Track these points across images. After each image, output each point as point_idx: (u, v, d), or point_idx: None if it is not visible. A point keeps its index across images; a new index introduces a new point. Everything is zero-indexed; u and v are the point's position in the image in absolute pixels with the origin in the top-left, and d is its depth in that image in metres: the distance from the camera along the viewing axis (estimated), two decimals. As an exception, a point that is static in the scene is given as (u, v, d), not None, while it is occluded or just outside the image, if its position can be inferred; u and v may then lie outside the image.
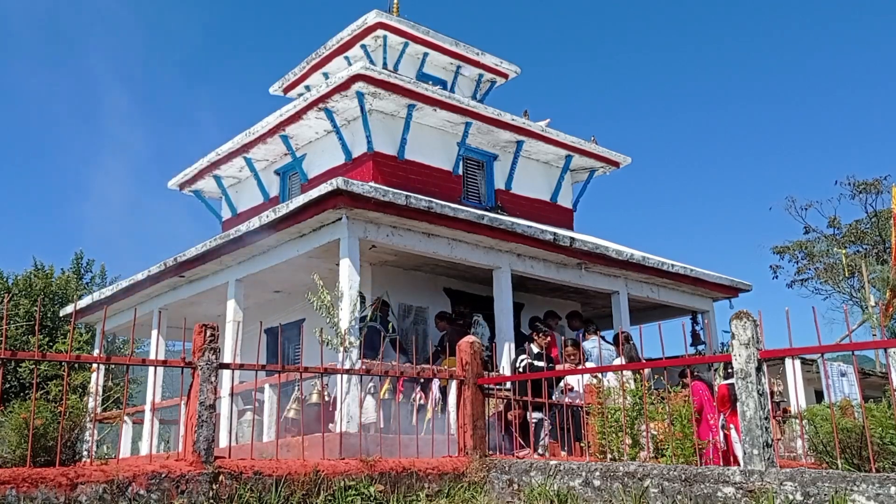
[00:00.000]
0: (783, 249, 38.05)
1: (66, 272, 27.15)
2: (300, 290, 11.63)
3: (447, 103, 13.22)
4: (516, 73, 17.16)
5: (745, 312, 5.64)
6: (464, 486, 6.77)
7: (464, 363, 7.45)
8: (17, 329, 22.39)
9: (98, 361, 6.32)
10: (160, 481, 5.30)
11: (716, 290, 14.84)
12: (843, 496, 4.67)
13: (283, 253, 10.88)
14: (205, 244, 11.60)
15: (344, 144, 13.17)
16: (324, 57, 16.15)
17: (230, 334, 10.94)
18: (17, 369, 20.72)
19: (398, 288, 12.20)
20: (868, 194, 35.16)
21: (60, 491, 4.88)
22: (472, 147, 14.29)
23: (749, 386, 5.49)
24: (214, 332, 5.94)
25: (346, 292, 9.57)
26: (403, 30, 15.38)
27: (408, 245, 10.60)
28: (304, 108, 13.11)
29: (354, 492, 6.08)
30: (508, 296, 11.54)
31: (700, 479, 5.40)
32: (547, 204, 15.34)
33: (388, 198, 9.91)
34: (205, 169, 15.56)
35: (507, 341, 11.22)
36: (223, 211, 16.42)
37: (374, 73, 12.28)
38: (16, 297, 24.00)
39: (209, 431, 5.67)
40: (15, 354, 5.49)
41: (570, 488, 6.11)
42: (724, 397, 10.11)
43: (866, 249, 34.95)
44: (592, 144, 15.55)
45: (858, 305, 33.49)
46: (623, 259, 12.86)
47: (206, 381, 5.78)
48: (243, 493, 5.58)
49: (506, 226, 11.23)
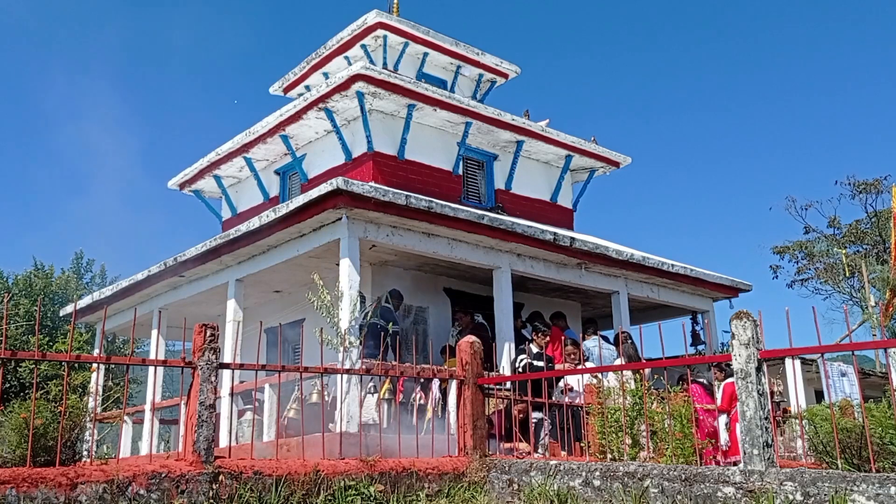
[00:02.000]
0: (783, 249, 38.04)
1: (66, 272, 27.18)
2: (300, 290, 11.64)
3: (447, 103, 13.22)
4: (516, 73, 17.16)
5: (745, 312, 5.64)
6: (464, 485, 6.77)
7: (464, 363, 7.45)
8: (17, 329, 22.39)
9: (98, 361, 6.32)
10: (160, 481, 5.30)
11: (716, 290, 14.84)
12: (843, 496, 4.67)
13: (283, 253, 10.89)
14: (205, 244, 11.60)
15: (344, 144, 13.17)
16: (324, 57, 16.15)
17: (230, 334, 10.94)
18: (17, 369, 20.73)
19: (398, 288, 12.19)
20: (868, 194, 35.16)
21: (60, 491, 4.88)
22: (472, 147, 14.29)
23: (749, 386, 5.49)
24: (214, 332, 5.94)
25: (346, 292, 9.57)
26: (403, 30, 15.38)
27: (408, 245, 10.60)
28: (304, 108, 13.11)
29: (354, 492, 6.08)
30: (508, 296, 11.54)
31: (700, 479, 5.40)
32: (547, 204, 15.34)
33: (388, 198, 9.91)
34: (205, 169, 15.56)
35: (507, 341, 11.22)
36: (223, 211, 16.42)
37: (374, 73, 12.28)
38: (16, 297, 24.02)
39: (209, 431, 5.67)
40: (15, 354, 5.49)
41: (570, 488, 6.11)
42: (733, 394, 10.09)
43: (866, 249, 34.94)
44: (592, 144, 15.55)
45: (858, 305, 33.49)
46: (623, 259, 12.86)
47: (206, 380, 5.78)
48: (243, 493, 5.58)
49: (506, 226, 11.23)
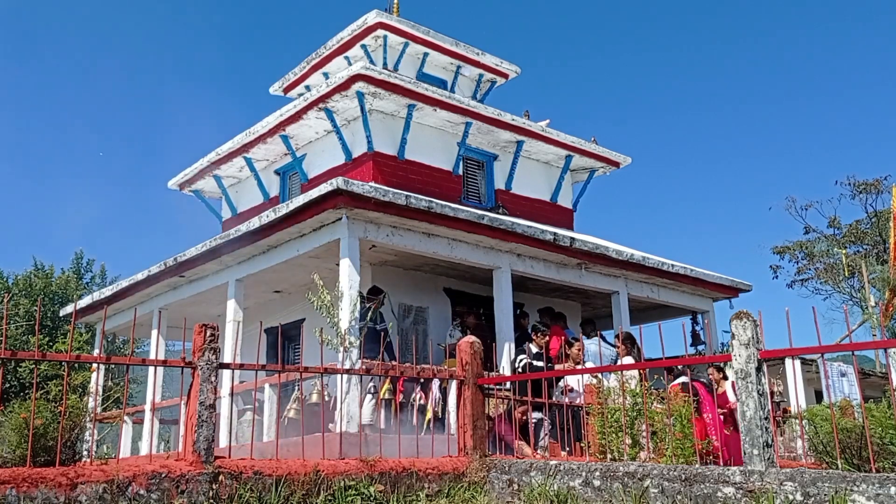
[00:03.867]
0: (783, 249, 38.05)
1: (66, 272, 27.18)
2: (300, 290, 11.64)
3: (447, 103, 13.22)
4: (516, 73, 17.16)
5: (745, 312, 5.64)
6: (464, 486, 6.77)
7: (464, 363, 7.45)
8: (17, 329, 22.40)
9: (98, 361, 6.32)
10: (160, 481, 5.30)
11: (716, 290, 14.84)
12: (843, 496, 4.67)
13: (283, 253, 10.88)
14: (205, 244, 11.60)
15: (344, 144, 13.17)
16: (324, 57, 16.15)
17: (230, 334, 10.94)
18: (17, 369, 20.74)
19: (398, 288, 12.19)
20: (868, 194, 35.17)
21: (60, 491, 4.88)
22: (473, 147, 14.29)
23: (749, 386, 5.49)
24: (214, 332, 5.94)
25: (346, 292, 9.56)
26: (403, 30, 15.38)
27: (408, 245, 10.60)
28: (304, 108, 13.10)
29: (354, 492, 6.08)
30: (508, 296, 11.53)
31: (700, 479, 5.40)
32: (547, 204, 15.34)
33: (388, 198, 9.90)
34: (205, 169, 15.55)
35: (507, 341, 11.22)
36: (223, 211, 16.42)
37: (374, 73, 12.28)
38: (16, 297, 24.03)
39: (209, 431, 5.67)
40: (15, 354, 5.49)
41: (570, 488, 6.11)
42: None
43: (866, 249, 34.94)
44: (592, 144, 15.55)
45: (858, 305, 33.48)
46: (623, 259, 12.86)
47: (206, 380, 5.78)
48: (243, 493, 5.58)
49: (506, 226, 11.23)
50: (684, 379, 9.56)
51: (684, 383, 9.27)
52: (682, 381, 9.61)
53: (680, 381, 9.74)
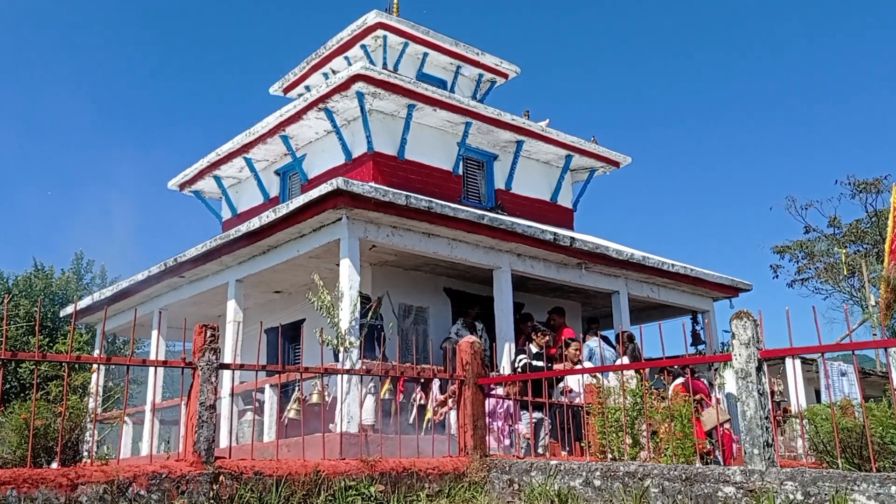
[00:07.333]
0: (783, 249, 38.07)
1: (66, 273, 27.15)
2: (300, 291, 11.64)
3: (447, 103, 13.22)
4: (516, 73, 17.16)
5: (745, 312, 5.64)
6: (464, 486, 6.77)
7: (464, 363, 7.45)
8: (18, 329, 22.39)
9: (98, 362, 6.31)
10: (160, 482, 5.30)
11: (716, 289, 14.84)
12: (844, 496, 4.67)
13: (283, 253, 10.89)
14: (205, 244, 11.61)
15: (344, 144, 13.17)
16: (324, 57, 16.15)
17: (230, 335, 10.94)
18: (18, 370, 20.73)
19: (398, 288, 12.20)
20: (868, 194, 35.19)
21: (61, 491, 4.88)
22: (472, 147, 14.29)
23: (749, 386, 5.49)
24: (214, 333, 5.94)
25: (346, 292, 9.57)
26: (403, 30, 15.38)
27: (408, 245, 10.60)
28: (304, 108, 13.11)
29: (355, 492, 6.08)
30: (509, 296, 11.53)
31: (700, 479, 5.40)
32: (547, 204, 15.34)
33: (388, 198, 9.91)
34: (205, 169, 15.56)
35: (507, 341, 11.22)
36: (223, 211, 16.42)
37: (374, 73, 12.28)
38: (16, 298, 24.01)
39: (209, 432, 5.67)
40: (15, 355, 5.48)
41: (570, 488, 6.11)
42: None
43: (866, 249, 34.95)
44: (592, 144, 15.55)
45: (858, 305, 33.53)
46: (623, 259, 12.86)
47: (207, 381, 5.77)
48: (244, 494, 5.58)
49: (506, 226, 11.23)
50: (682, 380, 9.59)
51: (684, 383, 9.29)
52: (681, 382, 9.64)
53: (680, 382, 9.77)
